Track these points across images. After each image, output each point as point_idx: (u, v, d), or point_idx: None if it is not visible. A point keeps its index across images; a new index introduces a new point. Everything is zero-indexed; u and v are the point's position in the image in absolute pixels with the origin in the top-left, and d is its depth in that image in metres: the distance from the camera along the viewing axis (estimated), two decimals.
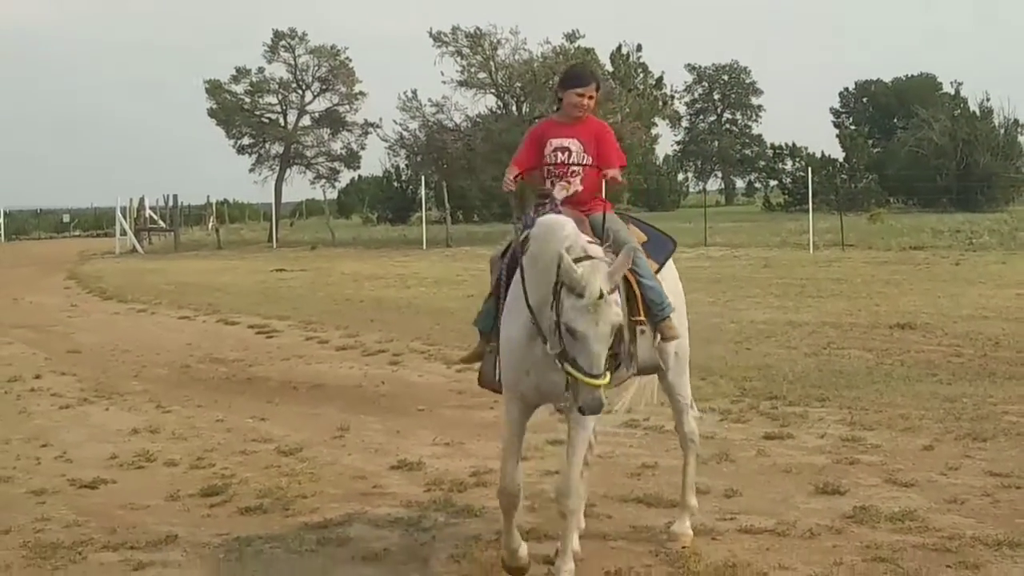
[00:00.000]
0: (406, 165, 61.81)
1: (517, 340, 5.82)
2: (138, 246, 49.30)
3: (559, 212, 6.01)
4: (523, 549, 6.10)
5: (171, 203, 57.53)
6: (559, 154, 6.42)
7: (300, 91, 57.82)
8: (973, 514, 7.09)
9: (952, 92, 76.19)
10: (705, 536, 6.77)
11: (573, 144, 6.43)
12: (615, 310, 5.40)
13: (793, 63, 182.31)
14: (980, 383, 11.40)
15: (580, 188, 6.41)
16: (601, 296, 5.30)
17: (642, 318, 6.18)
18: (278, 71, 57.46)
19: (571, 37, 52.25)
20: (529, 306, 5.65)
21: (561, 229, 5.57)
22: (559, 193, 6.32)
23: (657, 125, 62.24)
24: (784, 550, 6.48)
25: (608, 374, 5.43)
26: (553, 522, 7.00)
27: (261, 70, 57.32)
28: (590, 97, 6.49)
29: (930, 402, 10.41)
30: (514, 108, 51.67)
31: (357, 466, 8.80)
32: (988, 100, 67.05)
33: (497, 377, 6.22)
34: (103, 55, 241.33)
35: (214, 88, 56.58)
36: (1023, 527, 6.74)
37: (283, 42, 56.75)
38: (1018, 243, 32.50)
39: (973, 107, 67.84)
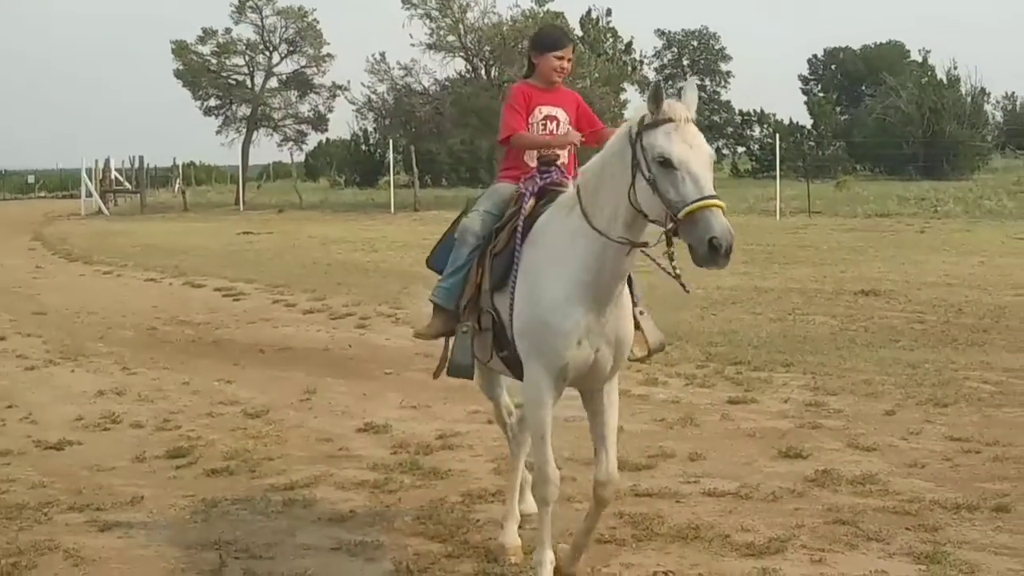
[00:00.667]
0: (374, 128, 61.58)
1: (568, 301, 5.16)
2: (104, 208, 48.94)
3: (566, 179, 5.71)
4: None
5: (137, 165, 57.15)
6: (548, 123, 6.01)
7: (267, 53, 57.62)
8: (932, 478, 7.19)
9: (920, 60, 76.53)
10: (669, 499, 6.84)
11: (560, 114, 6.05)
12: (704, 142, 4.89)
13: (763, 29, 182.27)
14: (942, 349, 11.53)
15: (566, 160, 6.04)
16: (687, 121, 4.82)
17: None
18: (245, 32, 57.30)
19: (540, 1, 52.09)
20: (602, 233, 5.03)
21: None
22: (560, 161, 5.94)
23: (626, 91, 61.98)
24: (747, 512, 6.55)
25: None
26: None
27: (228, 31, 57.14)
28: (568, 60, 6.10)
29: (892, 368, 10.53)
30: (483, 72, 51.46)
31: (323, 429, 8.82)
32: (955, 68, 67.18)
33: (488, 359, 5.70)
34: (68, 13, 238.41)
35: (180, 49, 56.24)
36: (981, 491, 6.85)
37: (250, 3, 56.41)
38: (983, 211, 32.78)
39: (941, 75, 68.10)
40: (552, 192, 5.65)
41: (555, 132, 6.00)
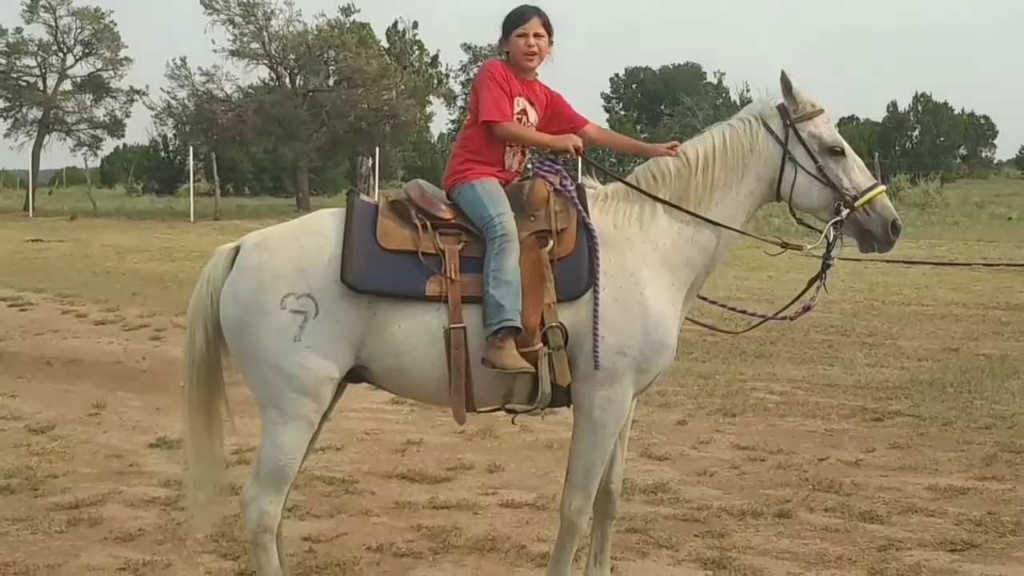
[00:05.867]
0: (174, 135, 60.25)
1: (674, 308, 5.13)
2: None
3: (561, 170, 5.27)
4: None
5: None
6: (521, 117, 5.21)
7: (61, 54, 55.86)
8: (720, 486, 7.44)
9: (715, 82, 79.28)
10: (467, 511, 6.88)
11: (531, 111, 5.25)
12: None
13: (565, 47, 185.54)
14: (732, 361, 11.93)
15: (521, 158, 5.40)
16: None
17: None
18: (37, 32, 55.40)
19: (347, 11, 51.97)
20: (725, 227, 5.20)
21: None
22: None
23: (432, 103, 62.45)
24: (543, 523, 6.64)
25: None
26: (316, 500, 7.00)
27: (19, 30, 55.15)
28: (537, 35, 5.17)
29: (685, 379, 10.82)
30: (287, 81, 50.97)
31: (113, 444, 8.53)
32: (748, 91, 69.82)
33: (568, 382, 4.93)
34: None
35: None
36: (765, 497, 7.12)
37: (43, 2, 54.54)
38: (772, 228, 34.00)
39: (734, 97, 70.68)
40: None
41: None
